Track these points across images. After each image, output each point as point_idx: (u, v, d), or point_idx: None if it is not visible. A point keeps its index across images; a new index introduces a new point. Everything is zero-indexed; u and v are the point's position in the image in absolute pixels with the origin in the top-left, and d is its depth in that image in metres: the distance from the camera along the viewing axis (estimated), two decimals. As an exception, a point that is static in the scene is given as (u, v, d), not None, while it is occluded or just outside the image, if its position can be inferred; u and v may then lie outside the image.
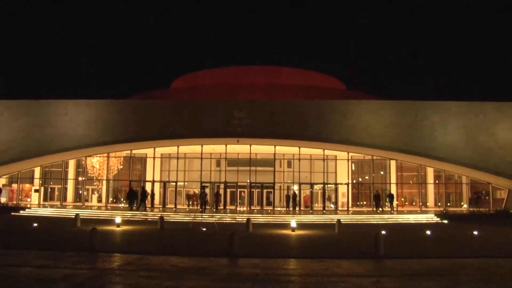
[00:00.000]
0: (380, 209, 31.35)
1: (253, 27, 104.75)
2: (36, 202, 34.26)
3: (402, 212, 30.52)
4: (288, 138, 31.22)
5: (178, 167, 33.96)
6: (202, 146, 32.98)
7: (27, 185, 36.52)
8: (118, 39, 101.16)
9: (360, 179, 37.23)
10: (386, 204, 32.57)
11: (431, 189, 36.45)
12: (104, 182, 35.28)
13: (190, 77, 42.58)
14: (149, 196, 33.55)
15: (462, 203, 35.27)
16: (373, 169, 34.99)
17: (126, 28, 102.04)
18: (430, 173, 35.71)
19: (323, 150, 33.00)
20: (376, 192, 32.63)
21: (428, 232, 18.80)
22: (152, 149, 33.71)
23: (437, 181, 35.87)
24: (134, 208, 29.27)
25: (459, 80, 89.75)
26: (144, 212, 28.04)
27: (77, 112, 32.41)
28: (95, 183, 35.96)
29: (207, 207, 29.45)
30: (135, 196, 30.46)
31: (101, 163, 34.70)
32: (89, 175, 34.99)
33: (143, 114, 32.09)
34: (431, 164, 32.97)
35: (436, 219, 27.13)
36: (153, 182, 33.93)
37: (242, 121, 31.09)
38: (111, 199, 36.53)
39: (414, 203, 36.88)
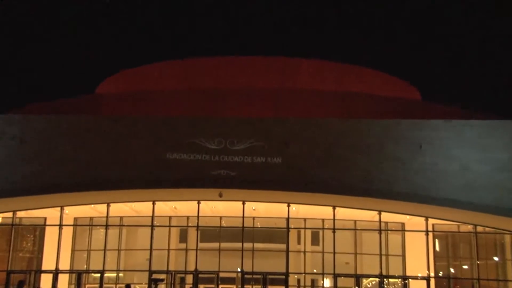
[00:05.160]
0: None
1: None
2: None
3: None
4: (314, 189, 30.79)
5: (108, 244, 32.92)
6: (154, 204, 32.21)
7: None
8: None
9: (452, 270, 36.38)
10: None
11: None
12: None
13: (130, 76, 42.82)
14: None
15: None
16: (478, 250, 33.13)
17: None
18: None
19: (379, 213, 32.22)
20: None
21: None
22: (58, 208, 32.67)
23: None
24: None
25: None
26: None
27: None
28: None
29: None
30: None
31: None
32: None
33: (41, 142, 31.76)
34: None
35: None
36: (56, 272, 31.93)
37: (230, 157, 31.14)
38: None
39: None
